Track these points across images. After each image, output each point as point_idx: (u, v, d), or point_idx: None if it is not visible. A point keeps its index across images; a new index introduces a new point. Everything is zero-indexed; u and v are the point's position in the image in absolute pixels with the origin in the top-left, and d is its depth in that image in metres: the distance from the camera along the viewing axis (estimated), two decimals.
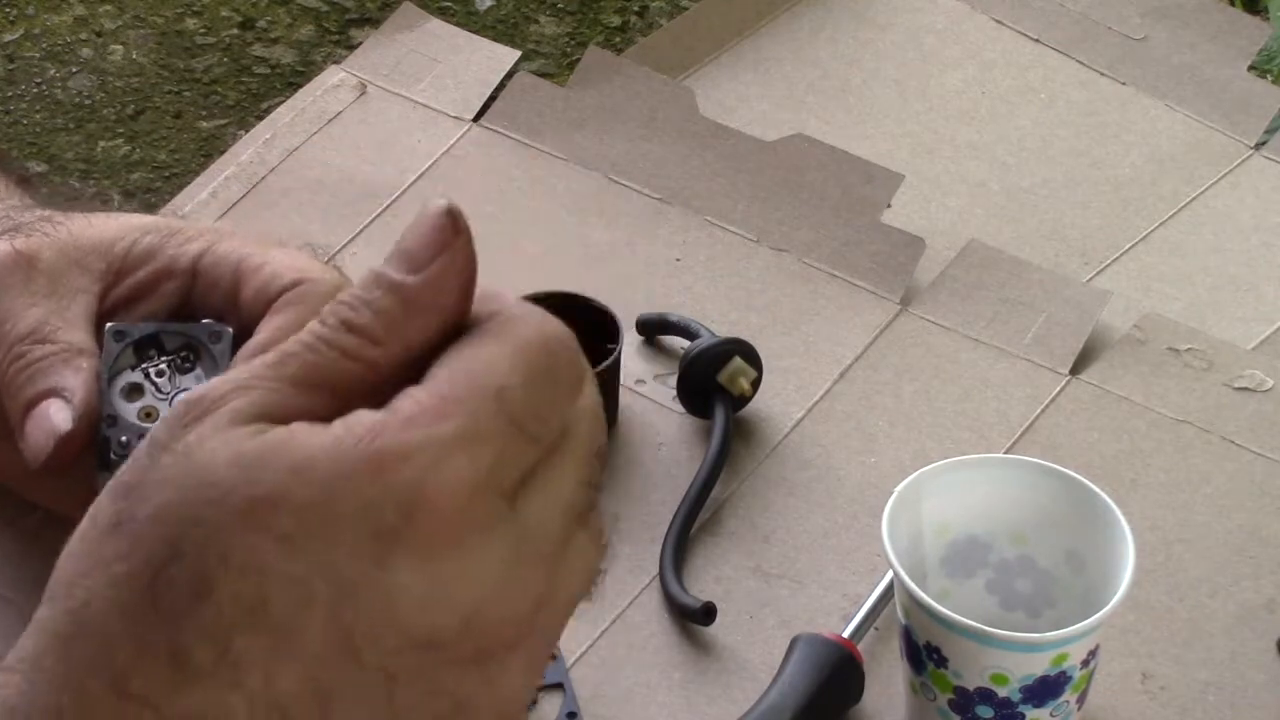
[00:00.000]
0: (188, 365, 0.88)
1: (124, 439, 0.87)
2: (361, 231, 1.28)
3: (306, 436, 0.60)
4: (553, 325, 0.62)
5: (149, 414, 0.88)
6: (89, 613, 0.59)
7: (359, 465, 0.59)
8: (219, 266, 0.90)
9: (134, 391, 0.88)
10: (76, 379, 0.88)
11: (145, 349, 0.88)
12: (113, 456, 0.86)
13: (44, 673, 0.59)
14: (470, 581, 0.59)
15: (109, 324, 0.88)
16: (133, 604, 0.59)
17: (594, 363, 1.12)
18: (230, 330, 0.88)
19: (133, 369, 0.88)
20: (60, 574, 0.61)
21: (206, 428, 0.61)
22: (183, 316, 0.90)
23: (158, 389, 0.88)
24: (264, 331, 0.86)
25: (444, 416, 0.60)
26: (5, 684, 0.60)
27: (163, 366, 0.88)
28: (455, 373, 0.61)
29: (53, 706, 0.59)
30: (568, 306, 1.15)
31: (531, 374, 0.61)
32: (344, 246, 1.27)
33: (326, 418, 0.61)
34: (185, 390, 0.87)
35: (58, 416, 0.87)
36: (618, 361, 1.13)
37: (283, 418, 0.61)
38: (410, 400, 0.61)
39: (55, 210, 0.96)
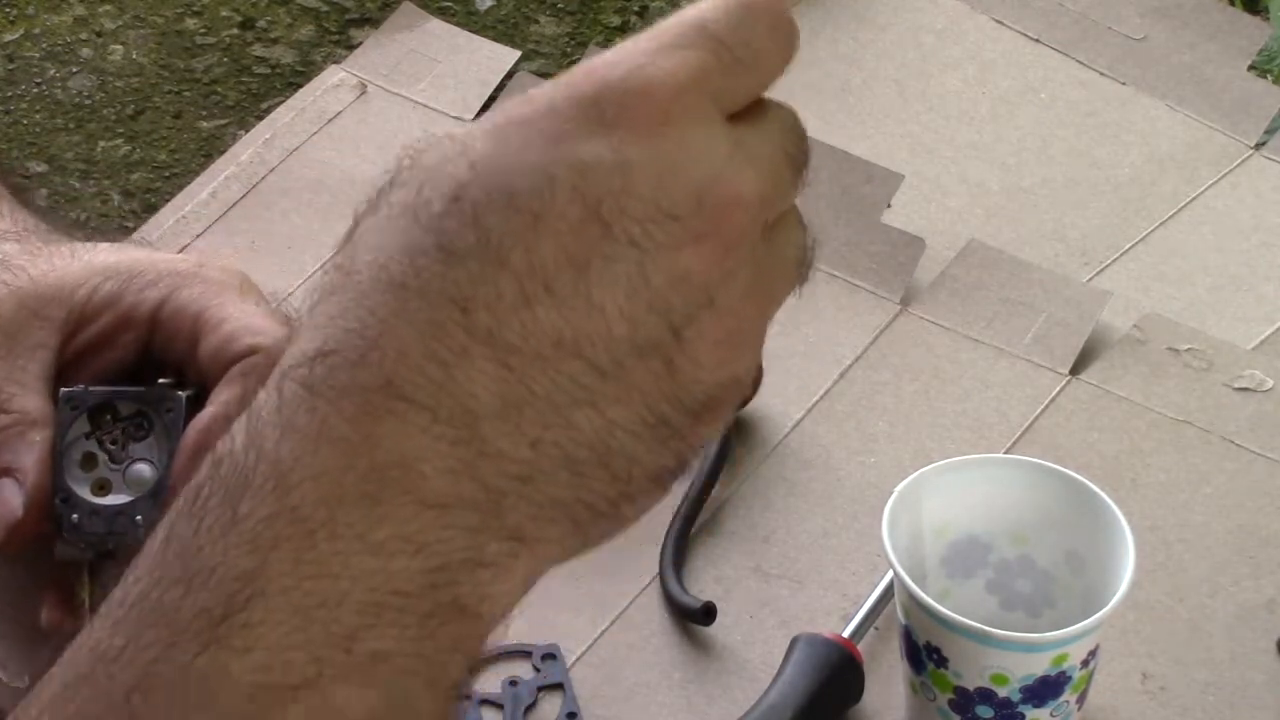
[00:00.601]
0: (141, 433, 0.90)
1: (75, 517, 0.88)
2: None
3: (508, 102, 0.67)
4: None
5: (102, 486, 0.89)
6: (359, 256, 0.64)
7: (572, 75, 0.66)
8: (178, 317, 0.93)
9: (87, 462, 0.90)
10: (29, 456, 0.90)
11: (100, 414, 0.90)
12: (64, 535, 0.88)
13: (320, 314, 0.64)
14: (695, 161, 0.65)
15: (63, 389, 0.90)
16: (399, 226, 0.64)
17: None
18: (183, 396, 0.90)
19: (87, 437, 0.90)
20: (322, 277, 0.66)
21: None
22: (142, 367, 0.92)
23: (111, 458, 0.90)
24: (213, 404, 0.90)
25: (649, 38, 0.67)
26: (295, 341, 0.64)
27: (116, 434, 0.90)
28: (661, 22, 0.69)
29: (338, 330, 0.63)
30: None
31: (732, 9, 0.68)
32: None
33: None
34: (138, 460, 0.89)
35: (10, 502, 0.89)
36: None
37: None
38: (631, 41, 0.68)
39: (36, 231, 0.97)
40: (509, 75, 1.40)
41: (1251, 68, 1.48)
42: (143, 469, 0.90)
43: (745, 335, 0.68)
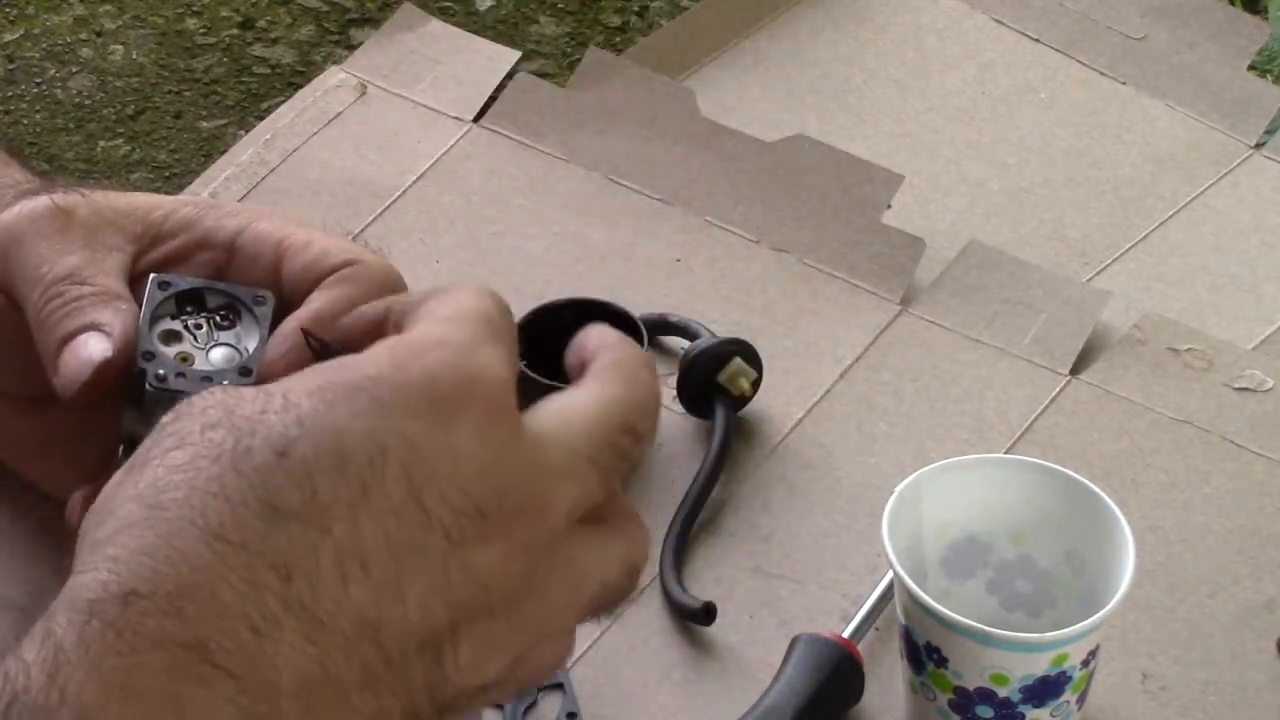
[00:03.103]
0: (226, 323, 0.88)
1: (160, 372, 0.86)
2: (362, 232, 1.28)
3: (342, 357, 0.67)
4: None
5: (185, 359, 0.87)
6: (164, 490, 0.63)
7: (407, 349, 0.66)
8: (259, 243, 0.90)
9: (171, 338, 0.88)
10: (115, 316, 0.88)
11: (185, 303, 0.88)
12: (149, 388, 0.86)
13: (124, 549, 0.62)
14: (517, 460, 0.66)
15: (153, 274, 0.88)
16: (214, 472, 0.63)
17: None
18: (273, 297, 0.88)
19: (172, 318, 0.88)
20: (110, 489, 0.64)
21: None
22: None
23: (195, 339, 0.88)
24: (316, 302, 0.87)
25: (456, 321, 0.68)
26: (78, 572, 0.62)
27: (201, 321, 0.88)
28: (442, 306, 0.70)
29: (147, 569, 0.61)
30: (589, 311, 1.15)
31: (501, 305, 0.71)
32: None
33: None
34: (222, 344, 0.87)
35: (96, 346, 0.87)
36: None
37: None
38: (414, 323, 0.69)
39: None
40: (509, 75, 1.40)
41: (1251, 68, 1.48)
42: (228, 352, 0.89)
43: (505, 644, 0.68)
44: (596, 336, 0.75)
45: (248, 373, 0.87)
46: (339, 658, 0.63)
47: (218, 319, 0.89)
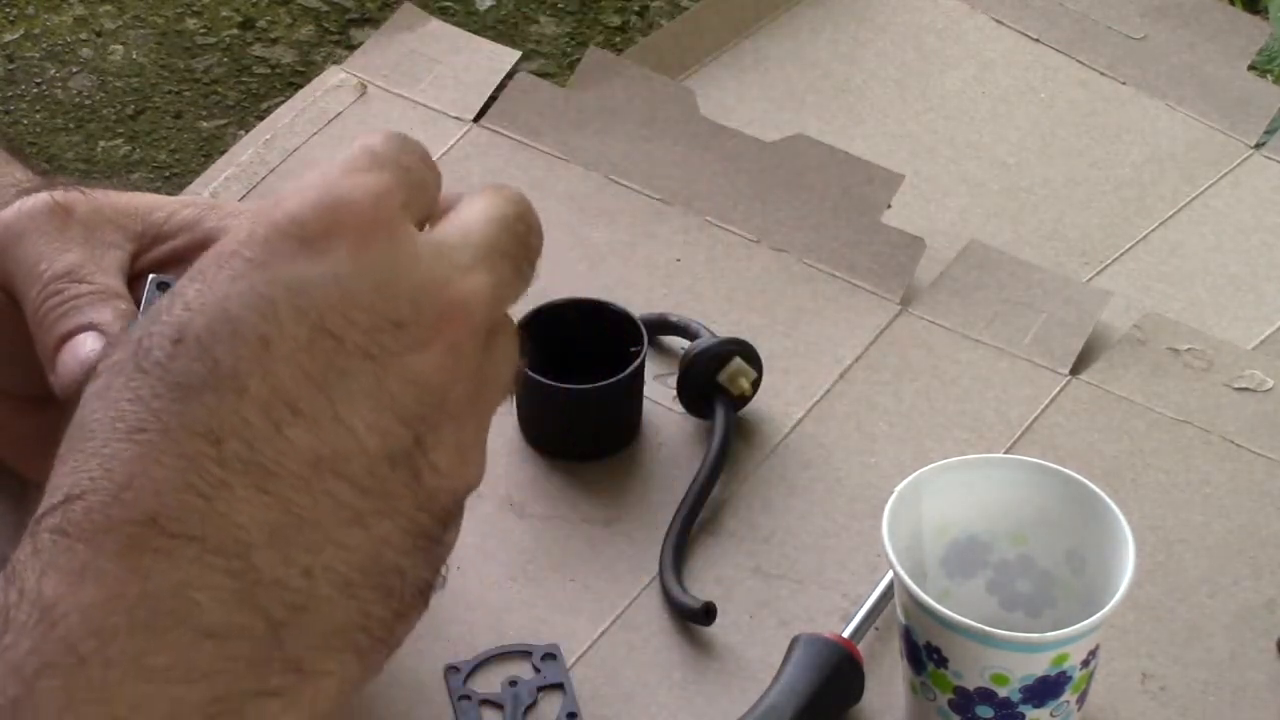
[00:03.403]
0: None
1: None
2: None
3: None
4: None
5: None
6: (87, 421, 0.64)
7: (261, 204, 0.68)
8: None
9: None
10: (113, 316, 0.88)
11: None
12: None
13: (59, 472, 0.63)
14: (407, 267, 0.65)
15: (151, 275, 0.87)
16: (120, 384, 0.64)
17: (619, 367, 1.13)
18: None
19: None
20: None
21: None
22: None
23: None
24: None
25: (326, 169, 0.67)
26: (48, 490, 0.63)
27: None
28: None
29: (82, 478, 0.62)
30: (590, 311, 1.15)
31: (390, 137, 0.69)
32: None
33: None
34: None
35: (94, 346, 0.87)
36: (642, 365, 1.13)
37: None
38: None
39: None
40: (509, 75, 1.40)
41: (1251, 68, 1.48)
42: None
43: (475, 440, 0.67)
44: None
45: None
46: (303, 499, 0.63)
47: None
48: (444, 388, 0.65)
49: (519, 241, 0.70)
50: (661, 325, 1.20)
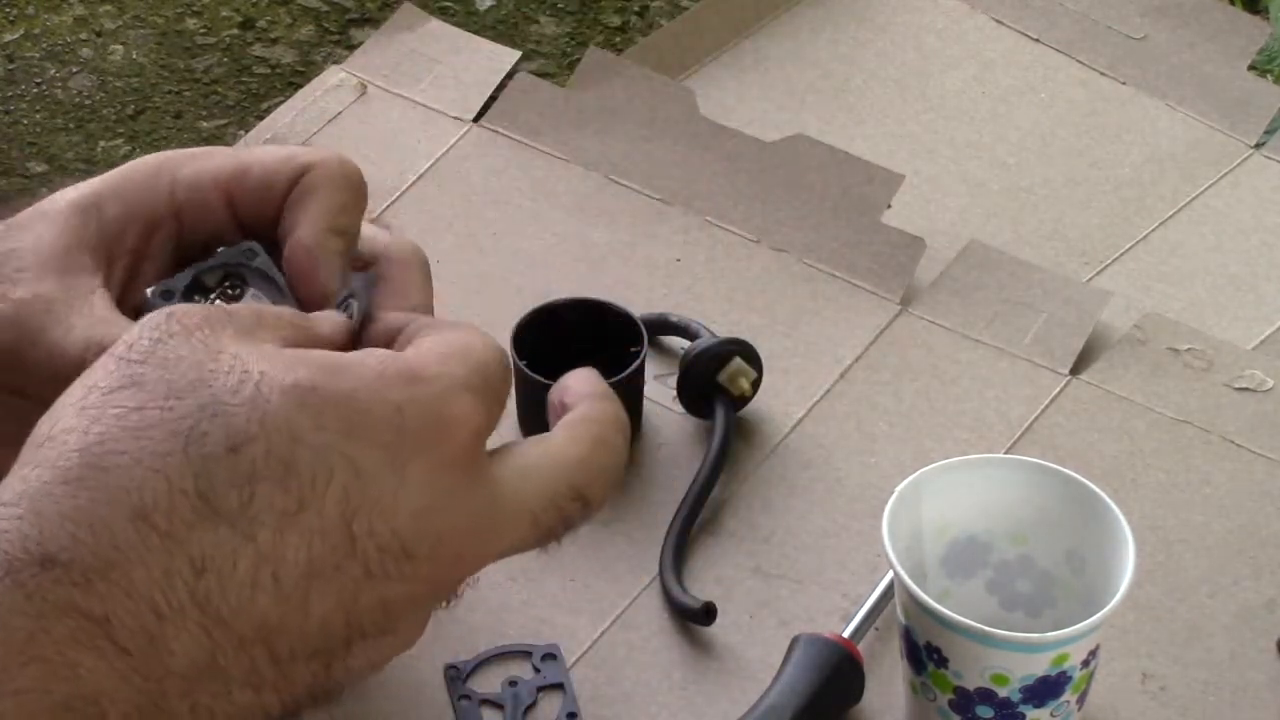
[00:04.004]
0: (235, 292, 0.87)
1: None
2: None
3: (327, 353, 0.67)
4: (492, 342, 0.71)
5: None
6: (111, 450, 0.63)
7: (392, 373, 0.66)
8: (199, 192, 0.88)
9: None
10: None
11: (192, 296, 0.87)
12: None
13: (55, 503, 0.63)
14: (454, 510, 0.66)
15: (148, 289, 0.87)
16: (164, 448, 0.63)
17: (619, 368, 1.13)
18: (254, 242, 0.87)
19: None
20: (53, 426, 0.65)
21: (228, 332, 0.68)
22: (187, 258, 0.89)
23: None
24: (304, 225, 0.86)
25: (448, 361, 0.67)
26: (6, 517, 0.63)
27: (218, 303, 0.87)
28: (450, 340, 0.70)
29: (68, 536, 0.62)
30: (590, 312, 1.15)
31: (501, 362, 0.69)
32: None
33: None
34: None
35: None
36: (642, 365, 1.13)
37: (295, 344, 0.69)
38: (417, 347, 0.69)
39: None
40: (509, 75, 1.40)
41: (1251, 68, 1.48)
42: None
43: (396, 649, 0.69)
44: (582, 381, 0.75)
45: None
46: (230, 654, 0.64)
47: (228, 293, 0.87)
48: (399, 615, 0.67)
49: (563, 520, 0.71)
50: (661, 325, 1.20)
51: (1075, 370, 1.21)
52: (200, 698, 0.64)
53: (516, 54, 1.43)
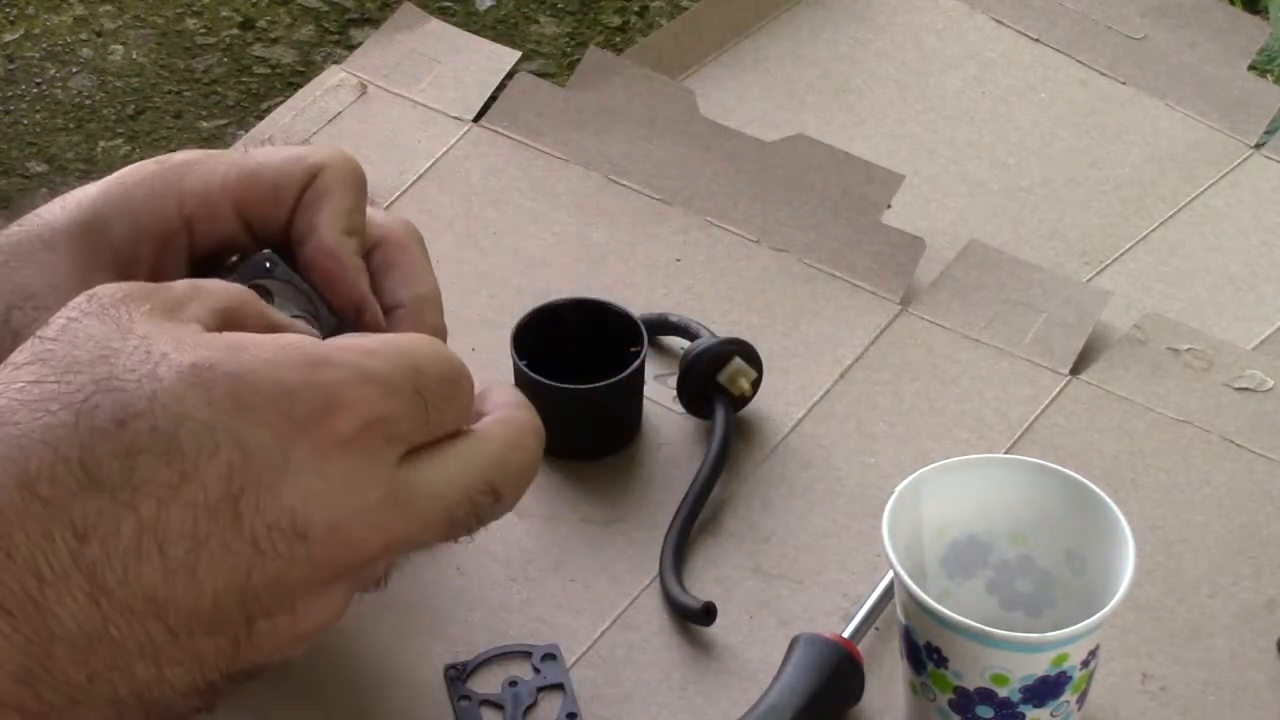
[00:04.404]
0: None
1: None
2: None
3: (243, 334, 0.68)
4: (457, 356, 0.73)
5: None
6: (5, 422, 0.65)
7: (292, 357, 0.67)
8: (208, 202, 0.88)
9: None
10: None
11: None
12: None
13: None
14: (348, 494, 0.67)
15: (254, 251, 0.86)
16: (55, 420, 0.64)
17: (618, 368, 1.13)
18: (268, 251, 0.86)
19: None
20: None
21: (143, 310, 0.68)
22: (210, 261, 0.88)
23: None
24: (323, 229, 0.86)
25: (370, 355, 0.69)
26: None
27: None
28: (384, 338, 0.71)
29: None
30: (590, 312, 1.15)
31: (444, 372, 0.71)
32: None
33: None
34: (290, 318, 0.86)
35: None
36: (642, 365, 1.13)
37: (218, 328, 0.70)
38: (344, 337, 0.71)
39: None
40: (509, 75, 1.40)
41: (1251, 68, 1.48)
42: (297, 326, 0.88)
43: (310, 632, 0.70)
44: (502, 392, 0.76)
45: (326, 324, 0.86)
46: (122, 624, 0.65)
47: None
48: (299, 596, 0.67)
49: (474, 513, 0.73)
50: (661, 325, 1.20)
51: (1075, 370, 1.21)
52: (97, 668, 0.65)
53: (516, 54, 1.43)
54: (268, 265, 0.87)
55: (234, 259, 0.88)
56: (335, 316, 0.87)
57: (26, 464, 0.64)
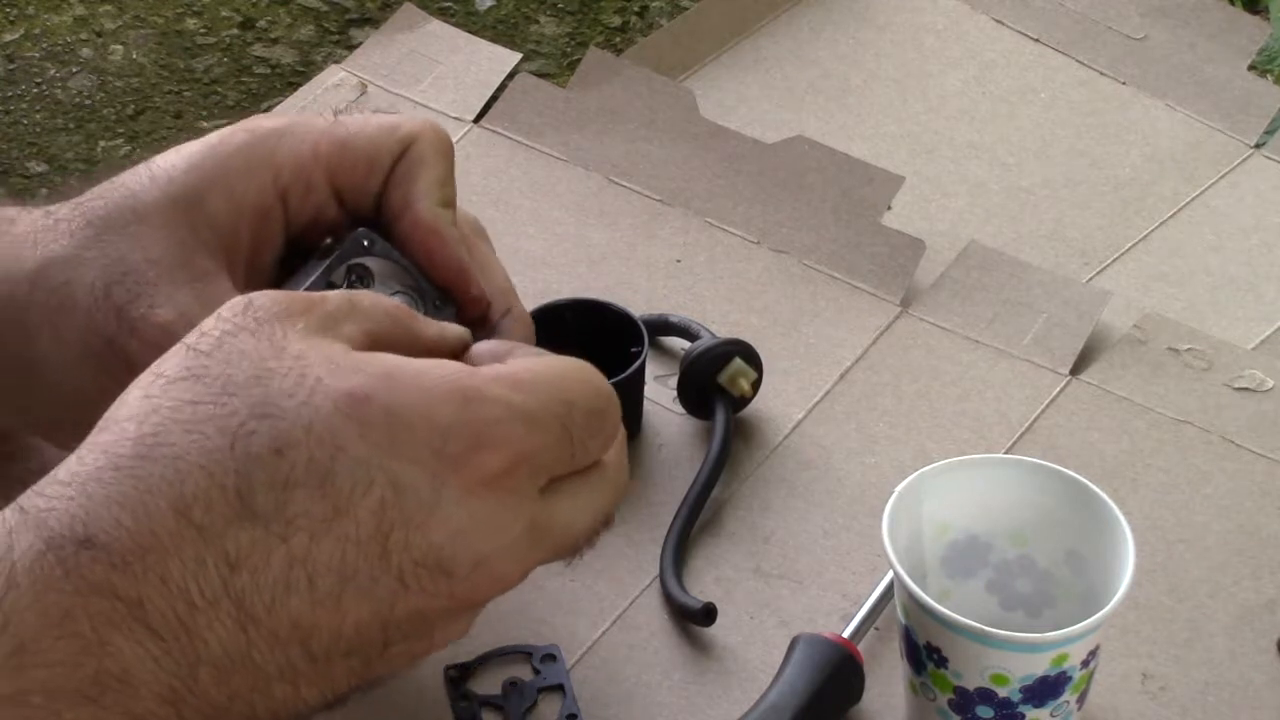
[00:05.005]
0: (365, 283, 0.86)
1: None
2: None
3: (397, 358, 0.68)
4: (607, 383, 0.74)
5: None
6: (162, 442, 0.65)
7: (446, 390, 0.67)
8: (302, 173, 0.86)
9: None
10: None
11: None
12: None
13: (103, 488, 0.64)
14: (494, 531, 0.67)
15: (358, 229, 0.85)
16: (211, 444, 0.64)
17: (619, 368, 1.13)
18: (365, 229, 0.86)
19: None
20: (119, 411, 0.67)
21: (296, 330, 0.68)
22: (304, 239, 0.87)
23: None
24: (420, 202, 0.86)
25: (520, 389, 0.69)
26: (57, 496, 0.65)
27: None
28: (536, 368, 0.71)
29: (111, 521, 0.64)
30: (591, 312, 1.15)
31: (592, 405, 0.71)
32: None
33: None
34: (393, 295, 0.86)
35: None
36: (643, 365, 1.13)
37: (368, 346, 0.69)
38: (496, 367, 0.70)
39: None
40: (509, 76, 1.40)
41: (1251, 68, 1.48)
42: (398, 300, 0.87)
43: (435, 646, 0.71)
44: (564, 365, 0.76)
45: (427, 296, 0.86)
46: (265, 650, 0.65)
47: (356, 287, 0.86)
48: (436, 624, 0.69)
49: (602, 521, 0.76)
50: (661, 326, 1.20)
51: (1075, 370, 1.21)
52: (238, 689, 0.65)
53: (517, 55, 1.43)
54: (365, 243, 0.86)
55: (329, 240, 0.88)
56: (437, 289, 0.87)
57: (183, 488, 0.64)
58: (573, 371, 0.72)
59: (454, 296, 0.87)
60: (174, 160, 0.87)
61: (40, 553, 0.63)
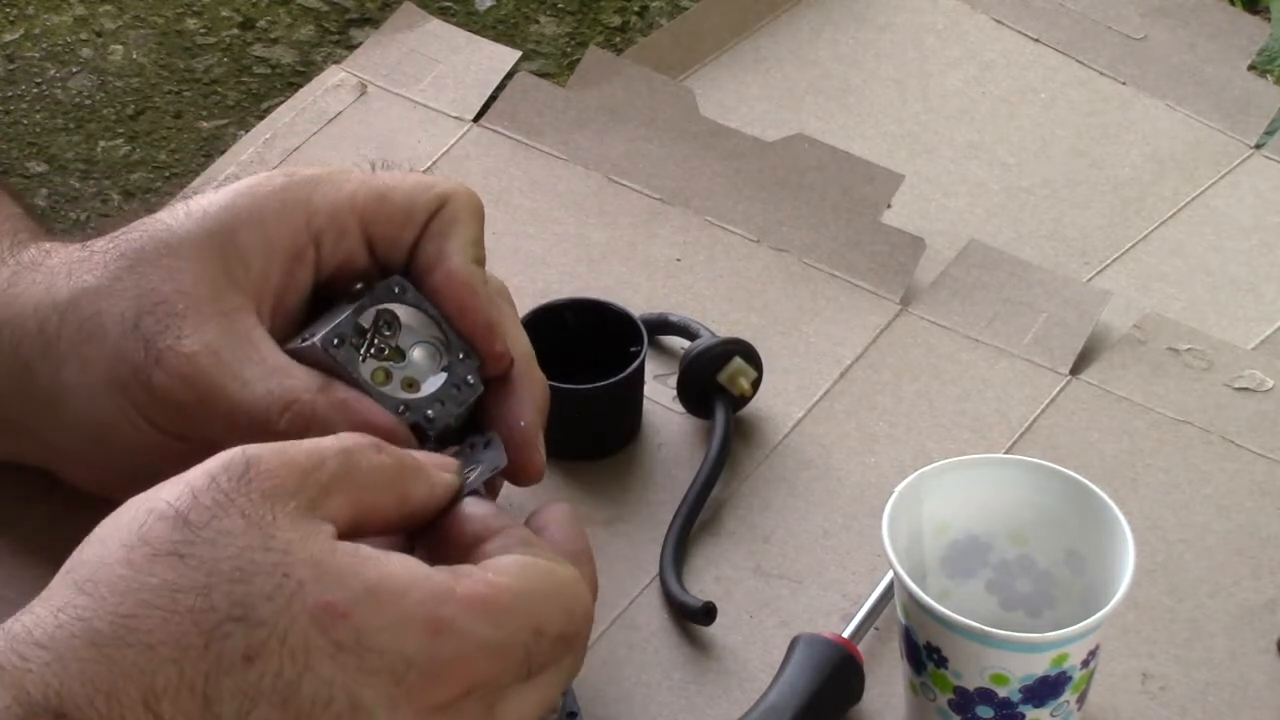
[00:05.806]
0: (389, 333, 0.87)
1: (429, 413, 0.89)
2: None
3: (380, 567, 0.70)
4: (588, 597, 0.77)
5: (411, 384, 0.89)
6: (139, 627, 0.66)
7: (420, 620, 0.69)
8: (337, 220, 0.87)
9: (381, 377, 0.87)
10: (347, 412, 0.86)
11: (352, 337, 0.87)
12: (431, 437, 0.89)
13: (80, 664, 0.66)
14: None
15: (314, 338, 0.86)
16: (187, 639, 0.66)
17: (618, 367, 1.13)
18: (398, 276, 0.87)
19: (363, 360, 0.87)
20: (101, 573, 0.68)
21: (286, 511, 0.68)
22: (332, 285, 0.89)
23: (393, 361, 0.87)
24: (454, 257, 0.87)
25: (491, 617, 0.72)
26: (34, 659, 0.66)
27: (377, 344, 0.87)
28: (515, 588, 0.74)
29: (85, 699, 0.65)
30: (590, 311, 1.15)
31: (563, 629, 0.74)
32: None
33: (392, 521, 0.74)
34: (411, 347, 0.87)
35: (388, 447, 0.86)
36: (642, 365, 1.13)
37: (354, 518, 0.72)
38: (477, 581, 0.72)
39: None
40: (509, 75, 1.40)
41: (1251, 68, 1.48)
42: (422, 350, 0.88)
43: None
44: (561, 530, 0.83)
45: (454, 347, 0.87)
46: None
47: (384, 332, 0.88)
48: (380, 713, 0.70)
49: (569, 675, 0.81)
50: (661, 325, 1.20)
51: (1075, 370, 1.21)
52: None
53: (516, 54, 1.43)
54: (397, 290, 0.87)
55: (359, 286, 0.89)
56: (463, 342, 0.88)
57: (154, 679, 0.66)
58: (554, 591, 0.75)
59: (479, 351, 0.88)
60: (211, 198, 0.88)
61: (19, 716, 0.65)
